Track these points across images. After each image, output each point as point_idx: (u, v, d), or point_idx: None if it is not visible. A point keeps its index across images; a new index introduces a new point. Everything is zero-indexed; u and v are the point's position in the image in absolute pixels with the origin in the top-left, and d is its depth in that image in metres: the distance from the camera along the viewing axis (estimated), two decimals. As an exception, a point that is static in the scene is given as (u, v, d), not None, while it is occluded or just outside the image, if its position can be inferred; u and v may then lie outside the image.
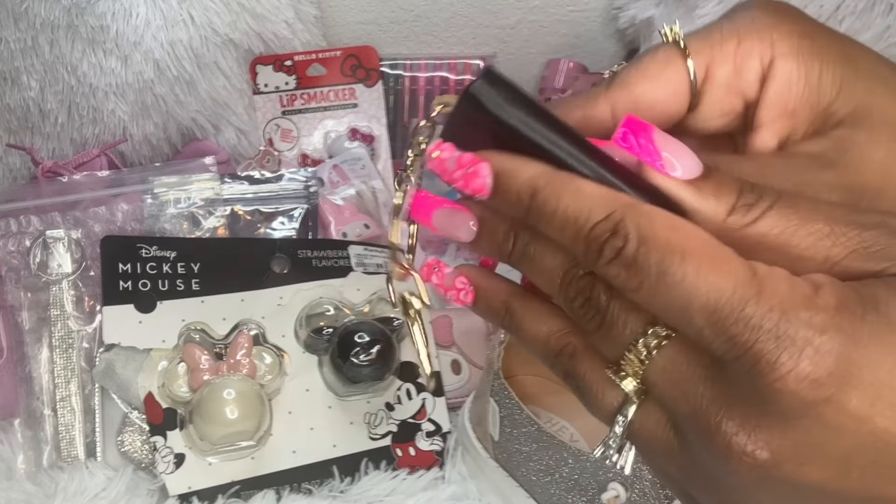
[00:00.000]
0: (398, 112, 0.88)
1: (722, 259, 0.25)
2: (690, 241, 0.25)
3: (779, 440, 0.24)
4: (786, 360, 0.24)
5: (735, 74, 0.31)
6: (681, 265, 0.25)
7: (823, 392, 0.24)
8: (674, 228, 0.25)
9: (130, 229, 0.69)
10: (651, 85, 0.31)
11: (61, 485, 0.60)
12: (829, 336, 0.24)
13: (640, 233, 0.25)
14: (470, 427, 0.63)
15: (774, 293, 0.24)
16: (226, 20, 0.76)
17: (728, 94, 0.32)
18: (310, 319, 0.66)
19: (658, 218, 0.25)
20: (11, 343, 0.65)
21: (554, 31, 0.87)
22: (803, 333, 0.24)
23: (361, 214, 0.79)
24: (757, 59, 0.31)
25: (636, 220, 0.25)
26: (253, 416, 0.60)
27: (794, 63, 0.31)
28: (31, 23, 0.72)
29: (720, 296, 0.24)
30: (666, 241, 0.25)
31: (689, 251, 0.25)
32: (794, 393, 0.24)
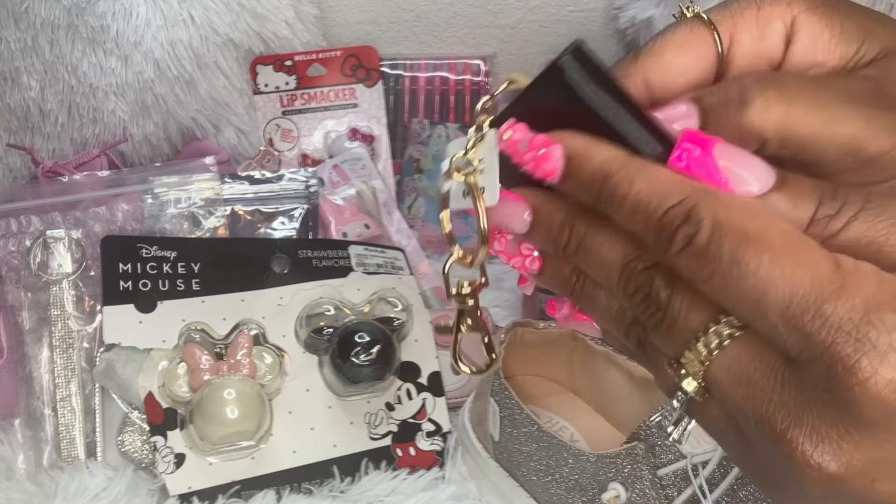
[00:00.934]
0: (398, 112, 0.88)
1: (802, 250, 0.23)
2: (769, 229, 0.23)
3: (851, 453, 0.23)
4: (865, 366, 0.22)
5: (759, 39, 0.31)
6: (756, 254, 0.23)
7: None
8: (752, 216, 0.24)
9: (131, 229, 0.69)
10: (680, 53, 0.31)
11: (61, 485, 0.60)
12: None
13: (715, 219, 0.24)
14: (470, 427, 0.63)
15: (858, 290, 0.22)
16: (226, 20, 0.76)
17: (755, 59, 0.31)
18: (310, 319, 0.66)
19: (736, 204, 0.24)
20: (12, 343, 0.65)
21: (554, 31, 0.87)
22: (886, 338, 0.22)
23: (362, 214, 0.79)
24: (779, 20, 0.31)
25: (712, 206, 0.24)
26: (253, 416, 0.60)
27: (815, 17, 0.30)
28: (31, 23, 0.72)
29: (798, 289, 0.23)
30: (742, 229, 0.24)
31: (766, 240, 0.23)
32: (872, 402, 0.22)
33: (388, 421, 0.65)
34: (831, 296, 0.23)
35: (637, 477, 0.51)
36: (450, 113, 0.88)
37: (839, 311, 0.22)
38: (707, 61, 0.31)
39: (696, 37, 0.31)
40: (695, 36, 0.31)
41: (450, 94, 0.88)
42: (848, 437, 0.23)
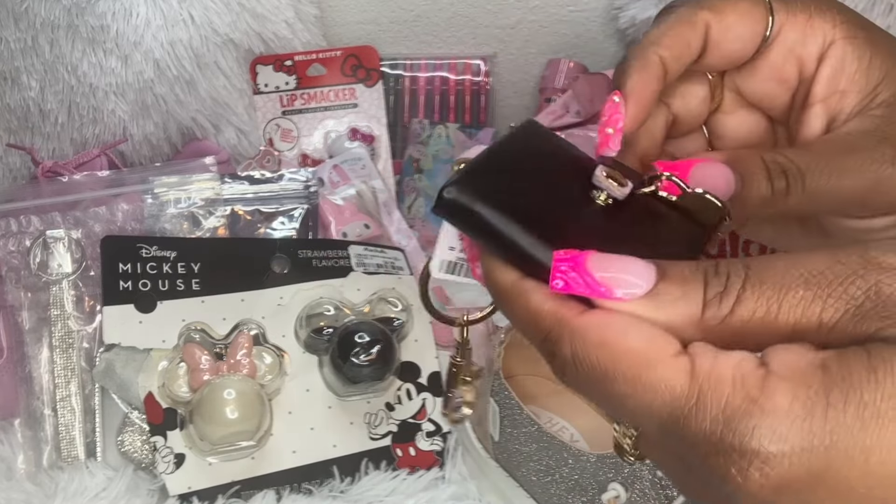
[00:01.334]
0: (398, 112, 0.88)
1: (655, 370, 0.24)
2: (619, 357, 0.24)
3: None
4: (735, 474, 0.23)
5: (800, 42, 0.33)
6: (616, 386, 0.24)
7: (787, 498, 0.23)
8: (602, 345, 0.24)
9: (130, 229, 0.69)
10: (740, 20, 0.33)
11: (61, 485, 0.60)
12: (778, 442, 0.22)
13: (572, 355, 0.25)
14: (470, 427, 0.63)
15: (715, 397, 0.23)
16: (226, 20, 0.76)
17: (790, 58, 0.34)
18: (310, 319, 0.66)
19: (589, 334, 0.25)
20: (11, 343, 0.65)
21: (554, 31, 0.87)
22: (748, 443, 0.22)
23: (362, 214, 0.79)
24: (821, 35, 0.33)
25: (569, 340, 0.25)
26: (253, 416, 0.60)
27: (850, 47, 0.33)
28: (31, 22, 0.72)
29: (661, 412, 0.24)
30: (597, 365, 0.24)
31: (619, 372, 0.24)
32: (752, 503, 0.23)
33: (388, 421, 0.65)
34: (689, 412, 0.23)
35: (637, 477, 0.51)
36: (450, 113, 0.88)
37: (702, 427, 0.23)
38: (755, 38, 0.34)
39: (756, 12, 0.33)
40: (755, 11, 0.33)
41: (450, 94, 0.88)
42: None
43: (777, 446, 0.22)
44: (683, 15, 0.33)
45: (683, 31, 0.33)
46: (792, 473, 0.22)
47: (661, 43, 0.33)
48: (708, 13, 0.33)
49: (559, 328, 0.26)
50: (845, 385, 0.22)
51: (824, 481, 0.22)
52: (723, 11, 0.33)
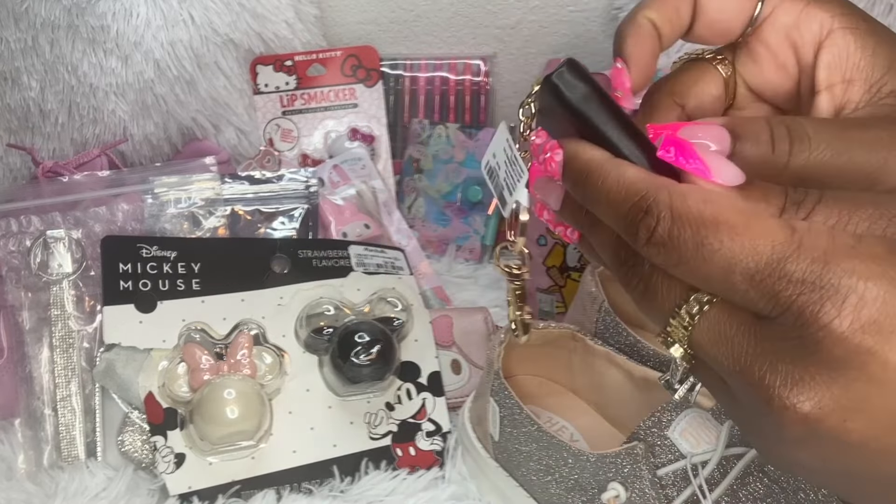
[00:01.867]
0: (398, 112, 0.88)
1: (758, 221, 0.25)
2: (724, 210, 0.26)
3: (821, 394, 0.24)
4: (829, 309, 0.24)
5: (794, 27, 0.34)
6: (716, 235, 0.25)
7: (867, 342, 0.23)
8: (706, 201, 0.26)
9: (131, 229, 0.69)
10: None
11: (62, 484, 0.60)
12: (874, 283, 0.23)
13: (673, 210, 0.26)
14: (470, 427, 0.63)
15: (815, 246, 0.24)
16: (226, 20, 0.76)
17: (784, 42, 0.35)
18: (310, 319, 0.66)
19: (692, 193, 0.26)
20: (12, 343, 0.65)
21: (554, 31, 0.87)
22: (846, 282, 0.24)
23: (362, 214, 0.79)
24: (817, 24, 0.34)
25: (669, 198, 0.26)
26: (253, 415, 0.60)
27: (852, 37, 0.33)
28: (31, 23, 0.72)
29: (760, 257, 0.25)
30: (699, 215, 0.26)
31: (723, 220, 0.25)
32: (837, 342, 0.24)
33: (387, 421, 0.65)
34: (791, 255, 0.25)
35: (637, 477, 0.51)
36: (450, 113, 0.88)
37: (801, 267, 0.24)
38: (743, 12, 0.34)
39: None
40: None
41: (450, 94, 0.88)
42: (819, 379, 0.24)
43: (874, 286, 0.23)
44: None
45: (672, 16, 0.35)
46: (884, 314, 0.23)
47: (651, 6, 0.34)
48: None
49: (658, 188, 0.27)
50: None
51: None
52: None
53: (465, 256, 0.85)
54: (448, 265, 0.84)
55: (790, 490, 0.50)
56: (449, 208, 0.86)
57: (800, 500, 0.50)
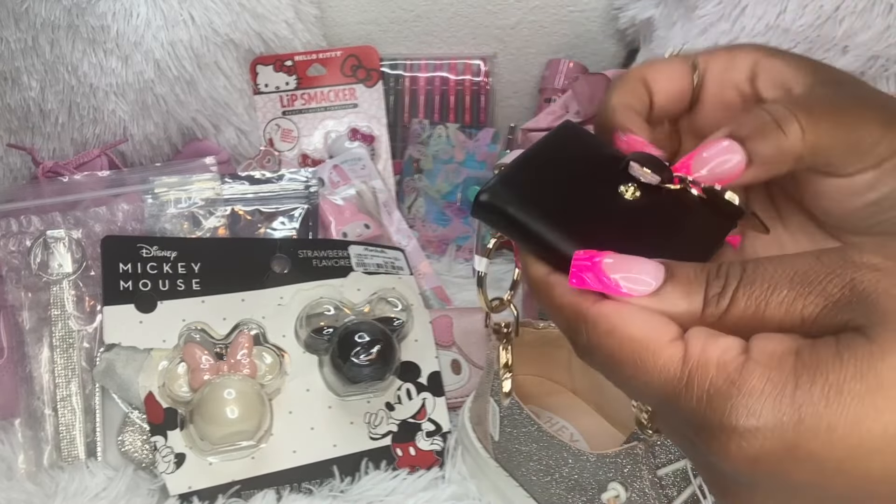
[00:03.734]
0: (398, 112, 0.88)
1: (652, 355, 0.27)
2: (624, 344, 0.28)
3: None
4: (717, 447, 0.25)
5: (726, 70, 0.38)
6: (622, 370, 0.28)
7: (763, 470, 0.25)
8: (610, 333, 0.28)
9: (131, 229, 0.69)
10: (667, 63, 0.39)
11: (62, 484, 0.60)
12: (754, 420, 0.25)
13: (588, 341, 0.29)
14: (470, 427, 0.63)
15: (700, 381, 0.26)
16: (226, 20, 0.76)
17: (723, 87, 0.38)
18: (310, 319, 0.66)
19: (600, 324, 0.29)
20: (12, 343, 0.65)
21: (554, 31, 0.87)
22: (728, 420, 0.25)
23: (362, 214, 0.79)
24: (744, 60, 0.38)
25: (584, 330, 0.29)
26: (253, 415, 0.60)
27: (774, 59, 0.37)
28: (31, 23, 0.72)
29: (660, 392, 0.27)
30: (606, 351, 0.28)
31: (624, 356, 0.28)
32: (736, 474, 0.26)
33: (388, 421, 0.65)
34: (679, 394, 0.26)
35: (637, 477, 0.51)
36: (450, 113, 0.89)
37: (689, 407, 0.26)
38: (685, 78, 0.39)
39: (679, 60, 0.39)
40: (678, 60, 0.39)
41: (450, 94, 0.88)
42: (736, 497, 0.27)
43: (751, 422, 0.25)
44: (622, 76, 0.39)
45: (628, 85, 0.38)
46: (766, 447, 0.25)
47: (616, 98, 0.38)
48: (640, 68, 0.39)
49: (576, 319, 0.29)
50: (813, 368, 0.25)
51: (796, 454, 0.24)
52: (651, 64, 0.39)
53: (465, 256, 0.85)
54: (448, 265, 0.84)
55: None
56: (449, 208, 0.86)
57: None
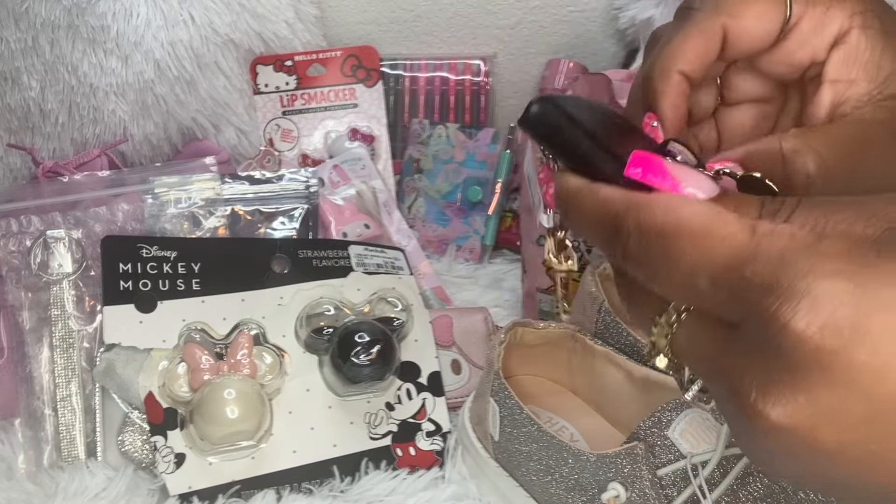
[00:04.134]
0: (398, 112, 0.88)
1: (718, 225, 0.25)
2: (686, 217, 0.26)
3: (788, 402, 0.23)
4: (786, 311, 0.23)
5: (815, 33, 0.35)
6: (678, 243, 0.25)
7: (828, 343, 0.22)
8: (668, 212, 0.26)
9: (131, 229, 0.69)
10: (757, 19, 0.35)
11: (62, 484, 0.60)
12: (830, 282, 0.23)
13: (638, 226, 0.26)
14: (470, 427, 0.63)
15: (772, 247, 0.24)
16: (226, 20, 0.76)
17: (804, 47, 0.35)
18: (310, 319, 0.66)
19: (657, 205, 0.26)
20: (12, 343, 0.65)
21: (554, 31, 0.87)
22: (802, 282, 0.23)
23: (362, 214, 0.79)
24: (836, 25, 0.34)
25: (635, 214, 0.27)
26: (253, 415, 0.60)
27: (864, 36, 0.34)
28: (31, 23, 0.72)
29: (719, 261, 0.25)
30: (662, 226, 0.26)
31: (684, 227, 0.25)
32: (797, 346, 0.23)
33: (388, 421, 0.65)
34: (748, 259, 0.24)
35: (637, 477, 0.51)
36: (450, 113, 0.89)
37: (758, 271, 0.24)
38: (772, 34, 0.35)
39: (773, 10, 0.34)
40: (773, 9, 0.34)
41: (450, 94, 0.88)
42: (785, 386, 0.23)
43: (829, 287, 0.23)
44: (701, 23, 0.34)
45: (701, 41, 0.34)
46: (842, 313, 0.22)
47: (683, 58, 0.34)
48: (726, 18, 0.34)
49: (626, 205, 0.27)
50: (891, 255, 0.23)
51: (866, 330, 0.22)
52: (740, 15, 0.34)
53: (465, 256, 0.85)
54: (448, 265, 0.84)
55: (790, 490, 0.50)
56: (449, 208, 0.86)
57: (800, 500, 0.50)
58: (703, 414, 0.53)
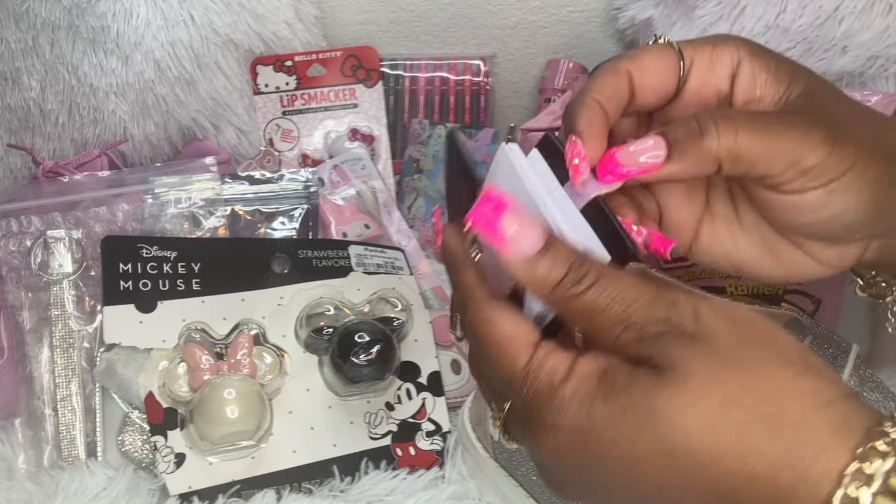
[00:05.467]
0: (398, 112, 0.89)
1: (514, 349, 0.34)
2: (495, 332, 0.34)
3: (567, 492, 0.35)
4: (534, 437, 0.32)
5: (710, 69, 0.40)
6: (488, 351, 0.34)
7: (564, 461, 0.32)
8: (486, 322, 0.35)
9: (131, 229, 0.69)
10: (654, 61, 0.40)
11: (62, 484, 0.60)
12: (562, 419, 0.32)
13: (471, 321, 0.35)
14: (470, 427, 0.63)
15: (534, 382, 0.33)
16: (226, 20, 0.77)
17: (705, 84, 0.40)
18: (310, 319, 0.66)
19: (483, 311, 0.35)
20: (12, 343, 0.65)
21: (554, 31, 0.87)
22: (544, 416, 0.32)
23: (362, 214, 0.79)
24: (728, 59, 0.40)
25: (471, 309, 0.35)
26: (253, 415, 0.60)
27: (756, 61, 0.39)
28: (31, 23, 0.72)
29: (507, 378, 0.34)
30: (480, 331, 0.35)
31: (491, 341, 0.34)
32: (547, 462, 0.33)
33: (387, 421, 0.65)
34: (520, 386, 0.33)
35: (636, 476, 0.51)
36: (450, 113, 0.89)
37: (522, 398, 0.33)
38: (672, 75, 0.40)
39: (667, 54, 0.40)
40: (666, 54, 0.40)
41: (450, 95, 0.88)
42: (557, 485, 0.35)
43: (558, 421, 0.32)
44: (608, 67, 0.40)
45: (610, 79, 0.39)
46: (564, 442, 0.32)
47: (595, 90, 0.39)
48: (627, 61, 0.40)
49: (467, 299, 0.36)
50: (610, 391, 0.31)
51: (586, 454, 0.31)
52: (639, 58, 0.40)
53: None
54: (448, 265, 0.84)
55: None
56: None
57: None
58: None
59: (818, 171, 0.36)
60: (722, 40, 0.40)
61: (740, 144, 0.36)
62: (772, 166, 0.36)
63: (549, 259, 0.33)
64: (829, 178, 0.36)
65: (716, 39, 0.40)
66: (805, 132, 0.36)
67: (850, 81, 0.71)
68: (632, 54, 0.40)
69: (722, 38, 0.40)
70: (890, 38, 0.67)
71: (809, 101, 0.38)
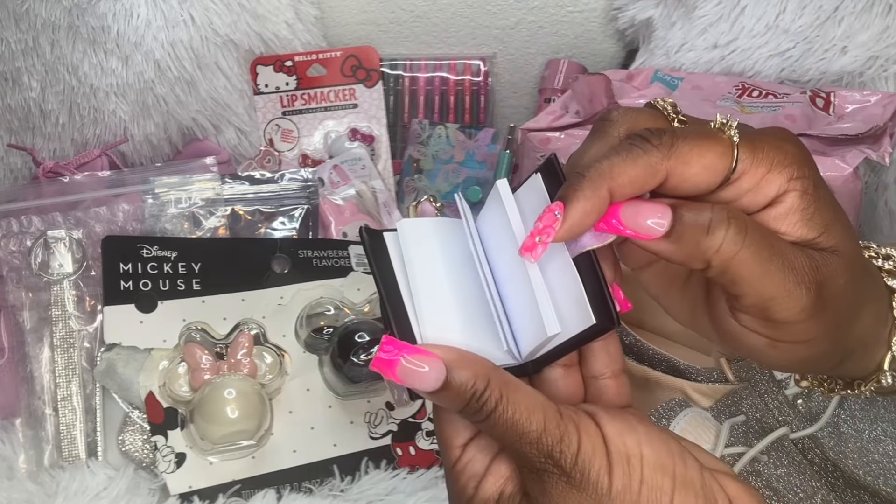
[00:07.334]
0: (398, 112, 0.89)
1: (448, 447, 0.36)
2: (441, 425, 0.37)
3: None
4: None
5: (752, 190, 0.35)
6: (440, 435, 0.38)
7: None
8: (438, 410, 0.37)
9: (131, 229, 0.69)
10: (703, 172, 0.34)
11: (62, 484, 0.60)
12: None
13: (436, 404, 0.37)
14: (470, 426, 0.63)
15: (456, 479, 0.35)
16: (226, 21, 0.77)
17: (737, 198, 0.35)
18: (310, 319, 0.66)
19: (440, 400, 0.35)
20: (13, 343, 0.65)
21: (554, 31, 0.87)
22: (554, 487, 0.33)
23: (362, 214, 0.79)
24: (775, 188, 0.35)
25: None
26: (253, 415, 0.60)
27: (798, 200, 0.35)
28: (32, 23, 0.72)
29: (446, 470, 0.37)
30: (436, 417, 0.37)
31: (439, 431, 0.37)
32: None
33: (388, 420, 0.66)
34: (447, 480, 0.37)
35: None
36: (449, 113, 0.89)
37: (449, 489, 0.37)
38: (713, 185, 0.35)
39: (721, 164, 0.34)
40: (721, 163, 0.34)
41: (450, 95, 0.88)
42: None
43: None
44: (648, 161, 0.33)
45: (643, 175, 0.33)
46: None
47: (618, 181, 0.33)
48: (674, 163, 0.34)
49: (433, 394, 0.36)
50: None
51: None
52: (688, 162, 0.34)
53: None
54: (448, 265, 0.84)
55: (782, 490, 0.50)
56: (448, 208, 0.86)
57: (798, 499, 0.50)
58: (702, 413, 0.53)
59: (777, 327, 0.34)
60: (782, 163, 0.35)
61: (738, 261, 0.33)
62: (746, 297, 0.34)
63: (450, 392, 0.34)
64: (783, 338, 0.35)
65: (776, 161, 0.35)
66: (794, 289, 0.33)
67: (850, 81, 0.71)
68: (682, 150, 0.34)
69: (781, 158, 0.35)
70: (890, 38, 0.67)
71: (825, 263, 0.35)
